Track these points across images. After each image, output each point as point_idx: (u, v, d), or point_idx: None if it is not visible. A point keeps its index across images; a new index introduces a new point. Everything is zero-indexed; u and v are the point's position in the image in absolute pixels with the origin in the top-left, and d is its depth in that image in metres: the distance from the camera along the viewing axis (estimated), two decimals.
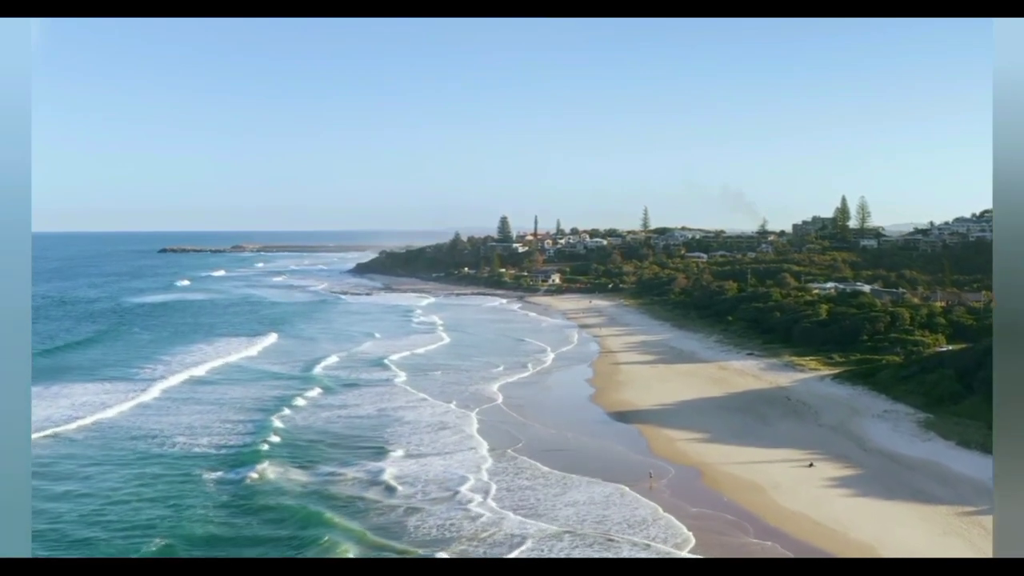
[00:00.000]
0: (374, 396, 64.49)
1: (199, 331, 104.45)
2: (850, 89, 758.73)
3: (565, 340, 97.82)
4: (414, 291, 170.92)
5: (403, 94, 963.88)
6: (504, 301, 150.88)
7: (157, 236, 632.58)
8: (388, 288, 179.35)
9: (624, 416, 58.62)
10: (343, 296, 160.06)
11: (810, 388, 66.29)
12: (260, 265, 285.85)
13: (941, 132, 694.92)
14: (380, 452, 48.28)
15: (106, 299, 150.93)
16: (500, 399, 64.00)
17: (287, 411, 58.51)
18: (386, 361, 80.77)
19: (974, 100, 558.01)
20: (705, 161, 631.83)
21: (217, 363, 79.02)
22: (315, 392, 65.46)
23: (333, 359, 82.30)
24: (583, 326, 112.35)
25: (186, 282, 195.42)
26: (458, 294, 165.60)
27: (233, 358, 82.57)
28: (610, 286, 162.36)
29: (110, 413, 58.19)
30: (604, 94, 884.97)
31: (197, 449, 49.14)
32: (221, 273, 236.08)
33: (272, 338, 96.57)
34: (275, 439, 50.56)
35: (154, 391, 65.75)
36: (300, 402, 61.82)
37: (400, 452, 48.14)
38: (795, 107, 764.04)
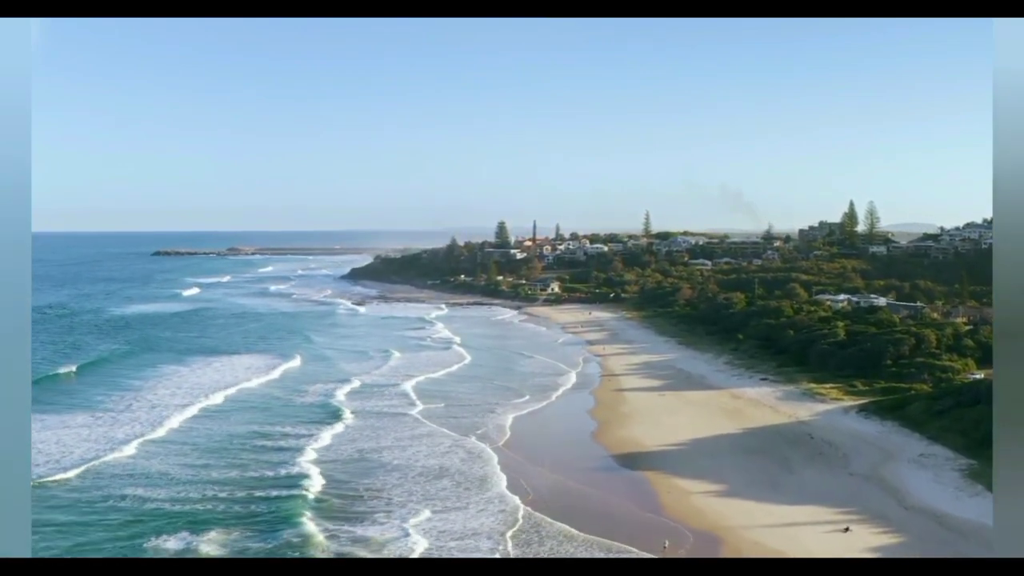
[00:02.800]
0: (393, 431, 63.20)
1: (211, 350, 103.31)
2: (850, 89, 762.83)
3: (575, 361, 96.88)
4: (410, 300, 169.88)
5: (403, 94, 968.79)
6: (514, 312, 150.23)
7: (153, 237, 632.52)
8: (383, 297, 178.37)
9: (632, 460, 56.04)
10: (356, 307, 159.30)
11: (834, 423, 63.81)
12: (267, 269, 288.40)
13: (941, 132, 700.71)
14: (405, 511, 45.92)
15: (106, 309, 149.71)
16: (510, 435, 62.64)
17: (312, 453, 56.91)
18: (404, 388, 79.99)
19: (974, 100, 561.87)
20: (705, 161, 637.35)
21: (231, 391, 77.42)
22: (339, 428, 64.15)
23: (355, 384, 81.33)
24: (586, 343, 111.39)
25: (194, 290, 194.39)
26: (454, 303, 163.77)
27: (251, 383, 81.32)
28: (611, 296, 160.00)
29: (115, 455, 55.64)
30: (604, 94, 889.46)
31: (212, 505, 46.59)
32: (227, 279, 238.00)
33: (289, 359, 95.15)
34: (301, 491, 48.85)
35: (173, 422, 64.33)
36: (326, 440, 60.43)
37: (427, 513, 45.65)
38: (795, 107, 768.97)
